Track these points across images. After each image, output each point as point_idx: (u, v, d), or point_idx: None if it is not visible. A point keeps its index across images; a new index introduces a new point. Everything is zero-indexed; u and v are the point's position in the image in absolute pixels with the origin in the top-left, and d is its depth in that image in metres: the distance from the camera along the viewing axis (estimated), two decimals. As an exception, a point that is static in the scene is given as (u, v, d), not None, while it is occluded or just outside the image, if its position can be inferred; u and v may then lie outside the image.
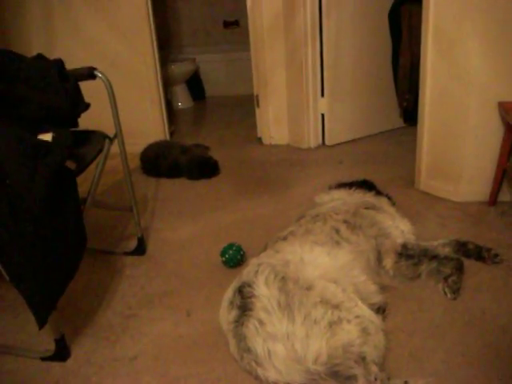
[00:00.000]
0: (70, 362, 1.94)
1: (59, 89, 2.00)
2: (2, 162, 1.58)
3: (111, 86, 2.33)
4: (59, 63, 2.09)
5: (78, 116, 2.19)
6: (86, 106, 2.23)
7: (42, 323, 1.74)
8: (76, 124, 2.20)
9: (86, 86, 2.29)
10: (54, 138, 1.81)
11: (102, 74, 2.29)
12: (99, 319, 2.18)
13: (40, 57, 2.13)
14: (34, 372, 1.90)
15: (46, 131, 1.84)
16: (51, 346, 1.93)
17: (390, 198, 2.58)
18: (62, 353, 1.94)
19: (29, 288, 1.66)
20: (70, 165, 1.89)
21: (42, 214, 1.63)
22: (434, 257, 2.22)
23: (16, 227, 1.57)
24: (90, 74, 2.27)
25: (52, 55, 2.22)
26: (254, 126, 4.43)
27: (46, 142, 1.78)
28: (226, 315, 1.84)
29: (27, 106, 1.91)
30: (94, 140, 2.32)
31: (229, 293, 1.89)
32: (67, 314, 2.16)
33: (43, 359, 1.94)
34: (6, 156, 1.61)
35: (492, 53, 2.64)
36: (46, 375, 1.88)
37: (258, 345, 1.68)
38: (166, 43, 6.45)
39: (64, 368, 1.91)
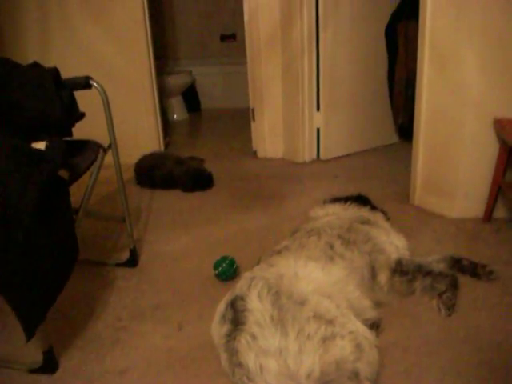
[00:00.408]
0: (58, 374, 1.90)
1: (54, 97, 1.98)
2: (-7, 169, 1.56)
3: (107, 96, 2.31)
4: (55, 71, 2.07)
5: (73, 125, 2.18)
6: (81, 116, 2.21)
7: (30, 335, 1.70)
8: (70, 133, 2.18)
9: (80, 95, 2.28)
10: (47, 146, 1.79)
11: (97, 83, 2.28)
12: (89, 331, 2.14)
13: (35, 64, 2.11)
14: (21, 385, 1.86)
15: (40, 140, 1.82)
16: (39, 358, 1.89)
17: (384, 213, 2.57)
18: (50, 365, 1.90)
19: (18, 298, 1.63)
20: (63, 174, 1.87)
21: (33, 223, 1.61)
22: (429, 273, 2.20)
23: (6, 236, 1.55)
24: (85, 83, 2.26)
25: (47, 63, 2.21)
26: (249, 139, 4.42)
27: (40, 150, 1.76)
28: (218, 329, 1.81)
29: (21, 114, 1.89)
30: (88, 150, 2.30)
31: (221, 306, 1.86)
32: (56, 325, 2.12)
33: (31, 371, 1.90)
34: (-2, 164, 1.59)
35: (488, 69, 2.65)
36: (33, 388, 1.85)
37: (250, 360, 1.64)
38: (163, 55, 6.47)
39: (52, 381, 1.87)
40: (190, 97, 6.30)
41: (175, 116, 6.03)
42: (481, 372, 1.78)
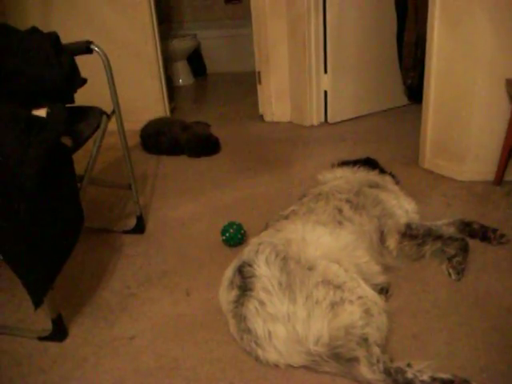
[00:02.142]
0: (67, 341, 1.91)
1: (54, 62, 1.94)
2: (-6, 137, 1.54)
3: (108, 61, 2.27)
4: (54, 36, 2.02)
5: (75, 91, 2.14)
6: (83, 82, 2.18)
7: (37, 303, 1.71)
8: (72, 100, 2.14)
9: (82, 61, 2.24)
10: (48, 113, 1.76)
11: (99, 48, 2.23)
12: (97, 298, 2.15)
13: (34, 30, 2.06)
14: (30, 352, 1.87)
15: (41, 106, 1.78)
16: (48, 326, 1.90)
17: (393, 177, 2.53)
18: (59, 333, 1.91)
19: (23, 267, 1.62)
20: (66, 141, 1.85)
21: (35, 192, 1.59)
22: (439, 237, 2.17)
23: (9, 205, 1.53)
24: (86, 47, 2.21)
25: (48, 28, 2.16)
26: (255, 103, 4.37)
27: (41, 117, 1.73)
28: (225, 295, 1.81)
29: (20, 80, 1.85)
30: (91, 116, 2.26)
31: (229, 272, 1.85)
32: (65, 293, 2.13)
33: (40, 339, 1.91)
34: (-2, 131, 1.56)
35: (500, 29, 2.57)
36: (43, 355, 1.85)
37: (259, 325, 1.64)
38: (167, 18, 6.37)
39: (61, 348, 1.89)
40: (196, 61, 6.21)
41: (180, 81, 5.96)
42: (490, 337, 1.76)
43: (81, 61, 2.22)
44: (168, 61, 5.39)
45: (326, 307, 1.62)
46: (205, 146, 3.63)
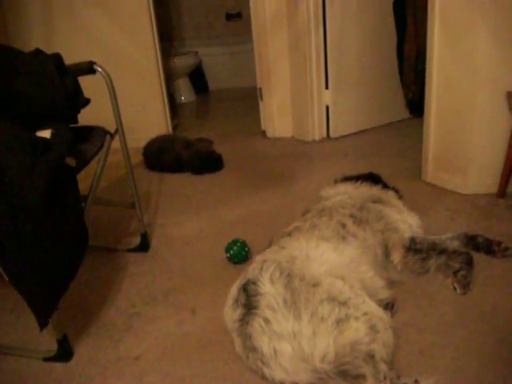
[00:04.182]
0: (72, 362, 1.91)
1: (57, 84, 1.95)
2: (-1, 159, 1.55)
3: (111, 81, 2.29)
4: (57, 58, 2.04)
5: (78, 112, 2.16)
6: (86, 102, 2.19)
7: (42, 324, 1.70)
8: (76, 120, 2.16)
9: (85, 81, 2.25)
10: (52, 134, 1.78)
11: (101, 68, 2.25)
12: (102, 318, 2.14)
13: (38, 52, 2.08)
14: (36, 372, 1.87)
15: (45, 128, 1.80)
16: (54, 346, 1.90)
17: (397, 191, 2.53)
18: (64, 353, 1.91)
19: (28, 288, 1.62)
20: (70, 162, 1.86)
21: (40, 213, 1.59)
22: (443, 251, 2.17)
23: (14, 226, 1.53)
24: (89, 68, 2.24)
25: (51, 49, 2.18)
26: (257, 119, 4.39)
27: (45, 138, 1.74)
28: (230, 314, 1.80)
29: (25, 102, 1.87)
30: (95, 136, 2.28)
31: (233, 290, 1.85)
32: (69, 312, 2.12)
33: (46, 359, 1.91)
34: (3, 154, 1.57)
35: (500, 41, 2.58)
36: (48, 376, 1.85)
37: (264, 344, 1.64)
38: (168, 36, 6.41)
39: (67, 368, 1.88)
40: (197, 78, 6.25)
41: (183, 98, 5.99)
42: (497, 351, 1.75)
43: (83, 80, 2.24)
44: (170, 78, 5.42)
45: (331, 324, 1.61)
46: (208, 162, 3.64)
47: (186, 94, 6.01)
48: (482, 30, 2.60)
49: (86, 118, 2.27)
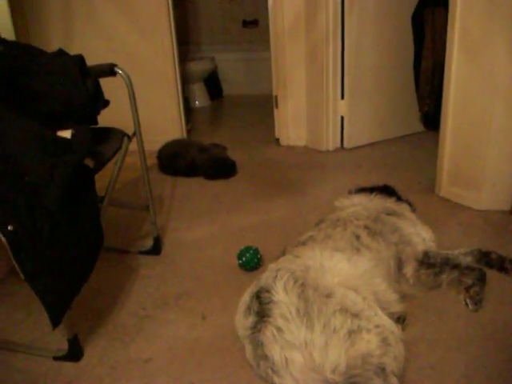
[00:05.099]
0: (82, 362, 1.91)
1: (80, 85, 1.97)
2: (21, 158, 1.56)
3: (131, 84, 2.31)
4: (80, 59, 2.06)
5: (98, 113, 2.17)
6: (106, 103, 2.20)
7: (56, 323, 1.71)
8: (96, 121, 2.17)
9: (103, 83, 2.27)
10: (73, 134, 1.79)
11: (122, 70, 2.27)
12: (113, 319, 2.15)
13: (61, 52, 2.10)
14: (46, 371, 1.88)
15: (66, 128, 1.81)
16: (64, 346, 1.90)
17: (410, 205, 2.53)
18: (74, 353, 1.91)
19: (44, 287, 1.63)
20: (89, 163, 1.87)
21: (59, 213, 1.61)
22: (456, 266, 2.17)
23: (33, 225, 1.54)
24: (110, 70, 2.26)
25: (70, 50, 2.19)
26: (271, 127, 4.39)
27: (66, 138, 1.76)
28: (242, 321, 1.81)
29: (47, 102, 1.88)
30: (113, 138, 2.29)
31: (246, 298, 1.85)
32: (81, 313, 2.12)
33: (55, 359, 1.91)
34: (25, 152, 1.58)
35: (520, 58, 2.58)
36: (58, 375, 1.86)
37: (276, 352, 1.63)
38: (185, 41, 6.44)
39: (76, 368, 1.89)
40: (212, 83, 6.27)
41: (197, 102, 6.01)
42: (507, 370, 1.74)
43: (101, 82, 2.25)
44: (185, 83, 5.44)
45: (343, 335, 1.61)
46: (221, 168, 3.65)
47: (200, 99, 6.04)
48: (502, 47, 2.60)
49: (104, 119, 2.28)
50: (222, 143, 4.27)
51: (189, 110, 5.32)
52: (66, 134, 1.79)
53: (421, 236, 2.29)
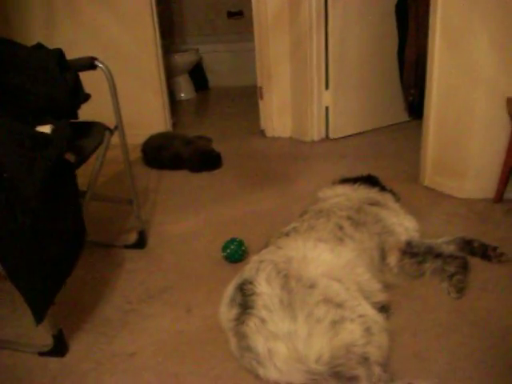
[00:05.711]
0: (67, 357, 1.91)
1: (59, 79, 1.95)
2: (-1, 154, 1.55)
3: (112, 77, 2.29)
4: (59, 53, 2.04)
5: (78, 107, 2.16)
6: (86, 97, 2.19)
7: (39, 319, 1.70)
8: (76, 115, 2.16)
9: (85, 76, 2.25)
10: (53, 130, 1.77)
11: (102, 64, 2.25)
12: (98, 314, 2.14)
13: (39, 46, 2.08)
14: (31, 367, 1.87)
15: (45, 123, 1.79)
16: (49, 341, 1.90)
17: (394, 194, 2.54)
18: (59, 348, 1.90)
19: (26, 283, 1.62)
20: (70, 157, 1.85)
21: (40, 208, 1.59)
22: (439, 255, 2.18)
23: (13, 221, 1.53)
24: (90, 64, 2.24)
25: (53, 44, 2.17)
26: (256, 118, 4.39)
27: (45, 134, 1.74)
28: (226, 313, 1.81)
29: (25, 97, 1.87)
30: (94, 132, 2.28)
31: (229, 290, 1.85)
32: (65, 308, 2.11)
33: (41, 354, 1.91)
34: (3, 148, 1.57)
35: (501, 47, 2.59)
36: (43, 370, 1.85)
37: (259, 344, 1.64)
38: (169, 33, 6.40)
39: (62, 363, 1.88)
40: (198, 75, 6.24)
41: (182, 95, 5.99)
42: (491, 356, 1.76)
43: (83, 75, 2.23)
44: (170, 75, 5.42)
45: (326, 325, 1.61)
46: (206, 160, 3.64)
47: (185, 91, 6.01)
48: (483, 37, 2.61)
49: (85, 113, 2.27)
50: (207, 135, 4.26)
51: (174, 103, 5.30)
52: (46, 129, 1.77)
53: (404, 225, 2.30)
